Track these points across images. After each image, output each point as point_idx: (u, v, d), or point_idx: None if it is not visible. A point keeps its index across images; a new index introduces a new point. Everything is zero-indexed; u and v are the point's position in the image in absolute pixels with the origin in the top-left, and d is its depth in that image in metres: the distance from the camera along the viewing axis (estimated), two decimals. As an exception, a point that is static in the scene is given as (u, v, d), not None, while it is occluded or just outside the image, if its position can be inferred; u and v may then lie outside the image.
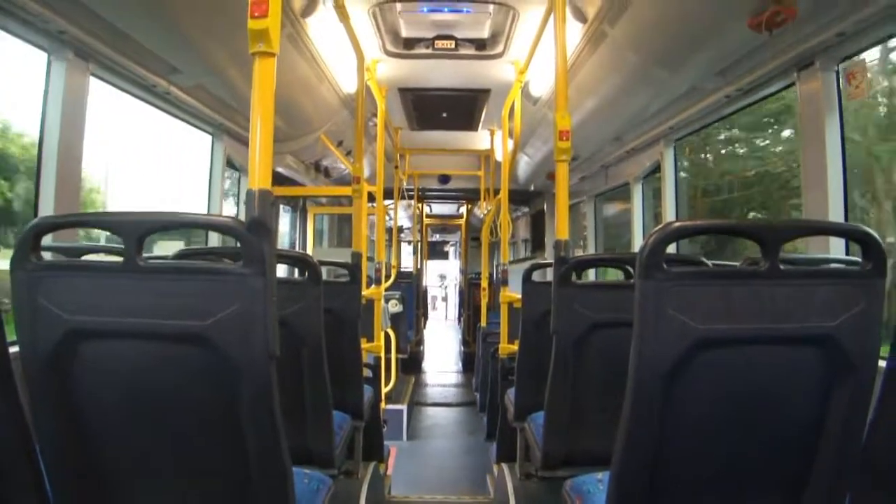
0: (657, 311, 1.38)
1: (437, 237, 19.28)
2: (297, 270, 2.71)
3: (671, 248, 1.46)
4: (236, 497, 1.51)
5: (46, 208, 2.67)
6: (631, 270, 2.65)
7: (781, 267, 1.40)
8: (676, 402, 1.43)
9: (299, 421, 2.41)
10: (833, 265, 2.38)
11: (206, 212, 4.40)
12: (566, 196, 2.71)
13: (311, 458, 2.46)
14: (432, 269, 18.33)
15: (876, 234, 1.44)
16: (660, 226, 1.45)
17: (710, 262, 2.42)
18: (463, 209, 12.22)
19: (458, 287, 15.97)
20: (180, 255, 2.41)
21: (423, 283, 11.72)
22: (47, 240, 1.57)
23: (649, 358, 1.39)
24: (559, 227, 2.63)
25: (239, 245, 1.38)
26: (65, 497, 1.51)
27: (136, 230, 1.39)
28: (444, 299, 21.29)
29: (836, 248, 2.66)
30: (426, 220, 12.72)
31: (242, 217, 1.46)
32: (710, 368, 1.43)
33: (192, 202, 4.58)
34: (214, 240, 4.14)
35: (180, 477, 1.53)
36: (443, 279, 21.45)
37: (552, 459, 2.52)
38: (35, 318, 1.41)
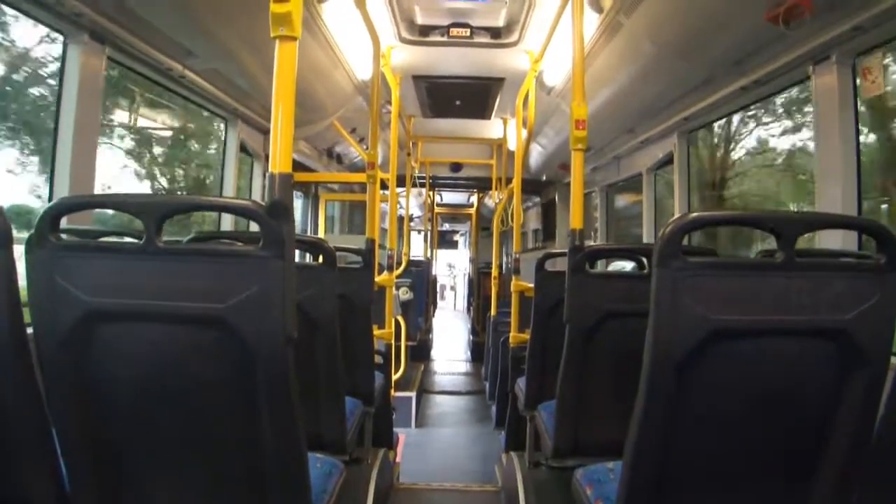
0: (673, 301, 1.39)
1: (446, 226, 19.28)
2: (309, 256, 2.73)
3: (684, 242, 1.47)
4: (252, 481, 1.51)
5: (62, 191, 2.69)
6: (644, 262, 2.65)
7: (797, 259, 1.40)
8: (689, 392, 1.43)
9: (312, 405, 2.41)
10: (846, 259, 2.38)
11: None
12: (581, 185, 2.71)
13: (323, 443, 2.47)
14: (441, 258, 18.34)
15: (890, 228, 1.44)
16: (677, 215, 1.45)
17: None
18: (473, 198, 12.21)
19: (466, 276, 15.96)
20: (196, 239, 2.42)
21: (433, 272, 11.74)
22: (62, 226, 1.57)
23: (664, 347, 1.40)
24: (574, 217, 2.63)
25: (258, 228, 1.38)
26: (79, 478, 1.52)
27: (156, 212, 1.39)
28: (453, 288, 21.30)
29: (847, 243, 2.65)
30: (437, 209, 12.72)
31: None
32: (724, 359, 1.43)
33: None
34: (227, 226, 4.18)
35: (195, 459, 1.54)
36: (451, 268, 21.46)
37: (562, 448, 2.52)
38: (53, 299, 1.41)
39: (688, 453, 1.50)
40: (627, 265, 3.83)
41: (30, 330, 1.45)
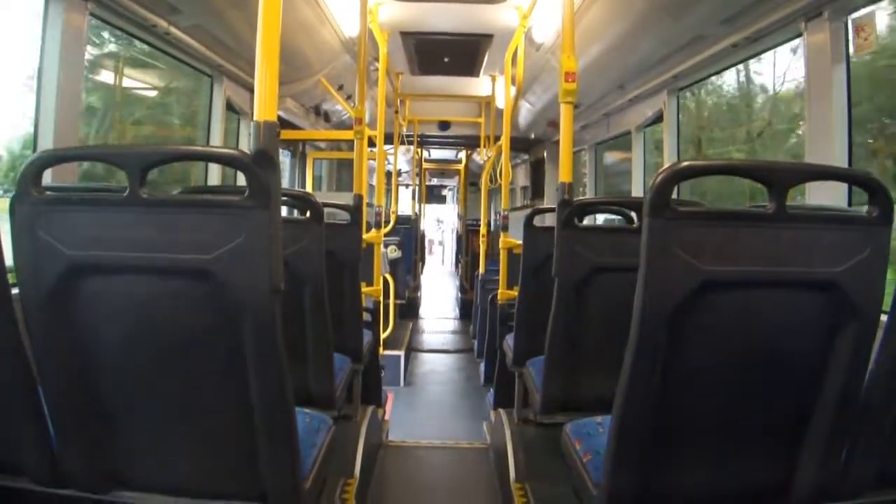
0: (663, 251, 1.37)
1: (434, 181, 19.18)
2: (296, 212, 2.71)
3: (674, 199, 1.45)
4: (239, 433, 1.51)
5: (45, 145, 2.65)
6: (634, 216, 2.66)
7: (789, 211, 1.40)
8: (679, 345, 1.43)
9: (301, 362, 2.41)
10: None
11: None
12: (570, 139, 2.69)
13: (312, 399, 2.47)
14: (430, 213, 18.29)
15: (883, 182, 1.43)
16: (668, 165, 1.44)
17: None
18: (462, 155, 12.13)
19: (455, 232, 15.96)
20: (180, 194, 2.40)
21: (422, 229, 11.73)
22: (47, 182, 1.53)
23: (654, 298, 1.39)
24: (563, 171, 2.61)
25: (244, 179, 1.36)
26: (67, 436, 1.52)
27: (138, 163, 1.37)
28: (441, 243, 21.30)
29: (837, 200, 2.66)
30: (425, 165, 12.64)
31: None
32: (715, 311, 1.43)
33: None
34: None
35: (183, 412, 1.53)
36: (440, 223, 21.43)
37: (551, 404, 2.53)
38: (36, 253, 1.40)
39: (677, 406, 1.50)
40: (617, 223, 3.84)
41: (16, 290, 1.44)
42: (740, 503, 1.63)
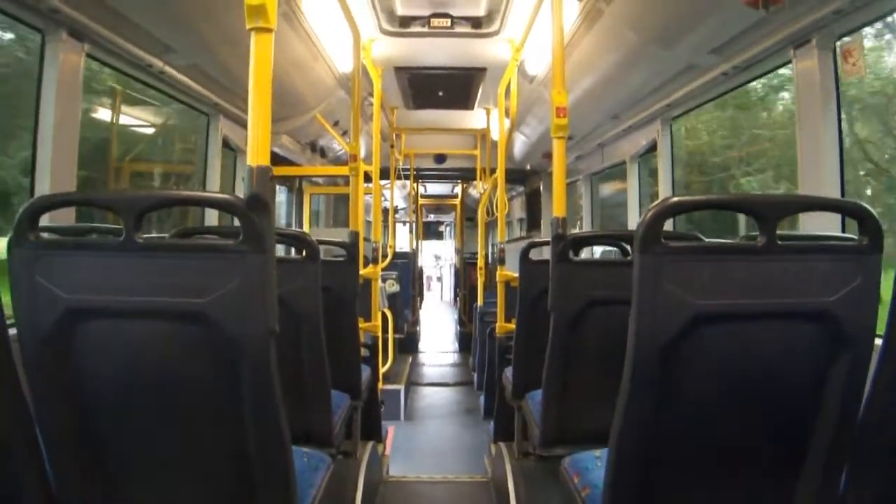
0: (654, 286, 1.38)
1: (431, 217, 19.27)
2: (293, 250, 2.72)
3: (668, 227, 1.45)
4: (237, 474, 1.51)
5: (43, 189, 2.66)
6: (628, 248, 2.66)
7: (779, 242, 1.40)
8: (674, 378, 1.43)
9: (298, 400, 2.40)
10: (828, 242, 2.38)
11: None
12: (563, 173, 2.70)
13: (310, 437, 2.46)
14: (427, 249, 18.33)
15: (872, 210, 1.44)
16: (658, 200, 1.45)
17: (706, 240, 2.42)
18: (458, 189, 12.20)
19: (452, 267, 15.98)
20: (178, 235, 2.41)
21: (419, 264, 11.75)
22: (45, 223, 1.56)
23: (647, 332, 1.39)
24: (556, 204, 2.62)
25: (238, 223, 1.37)
26: (65, 477, 1.51)
27: (134, 207, 1.38)
28: (440, 279, 21.30)
29: (831, 228, 2.65)
30: (421, 200, 12.70)
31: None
32: (708, 344, 1.43)
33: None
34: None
35: (181, 455, 1.54)
36: (438, 259, 21.46)
37: (550, 437, 2.51)
38: (33, 298, 1.41)
39: (673, 438, 1.50)
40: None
41: (13, 331, 1.43)
42: None
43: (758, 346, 1.46)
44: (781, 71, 3.31)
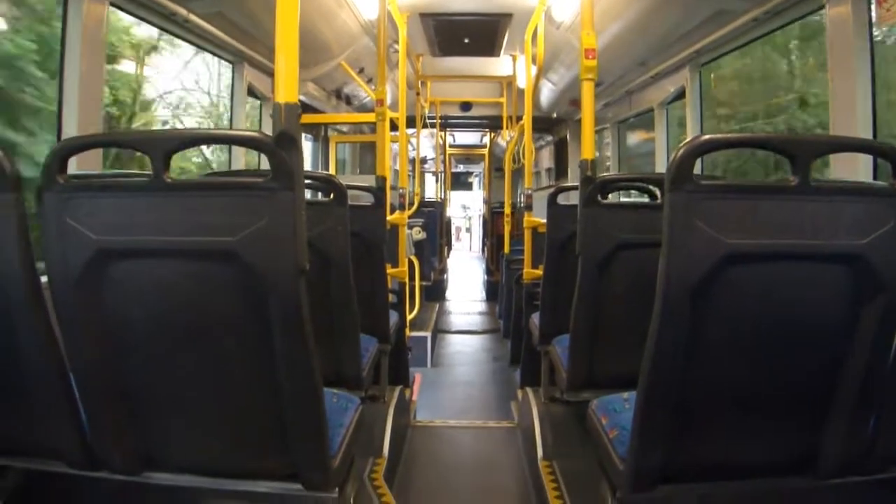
0: (686, 225, 1.37)
1: (460, 167, 19.12)
2: (320, 195, 2.73)
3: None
4: (268, 413, 1.52)
5: (69, 133, 2.70)
6: (657, 192, 2.64)
7: (812, 183, 1.38)
8: (703, 318, 1.42)
9: (328, 342, 2.40)
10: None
11: None
12: (592, 116, 2.68)
13: (339, 379, 2.48)
14: (456, 199, 18.25)
15: None
16: (689, 139, 1.43)
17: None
18: (486, 139, 12.08)
19: (481, 218, 15.88)
20: (205, 177, 2.43)
21: (447, 213, 11.71)
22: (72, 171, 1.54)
23: (677, 272, 1.39)
24: (585, 148, 2.60)
25: (267, 161, 1.37)
26: (98, 417, 1.55)
27: (162, 147, 1.38)
28: (468, 230, 21.26)
29: (860, 176, 2.61)
30: (449, 150, 12.61)
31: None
32: (738, 284, 1.42)
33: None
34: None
35: (212, 394, 1.55)
36: (466, 209, 21.38)
37: (577, 381, 2.53)
38: (64, 241, 1.42)
39: (701, 380, 1.50)
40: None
41: (44, 278, 1.47)
42: (766, 476, 1.63)
43: (788, 287, 1.45)
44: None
